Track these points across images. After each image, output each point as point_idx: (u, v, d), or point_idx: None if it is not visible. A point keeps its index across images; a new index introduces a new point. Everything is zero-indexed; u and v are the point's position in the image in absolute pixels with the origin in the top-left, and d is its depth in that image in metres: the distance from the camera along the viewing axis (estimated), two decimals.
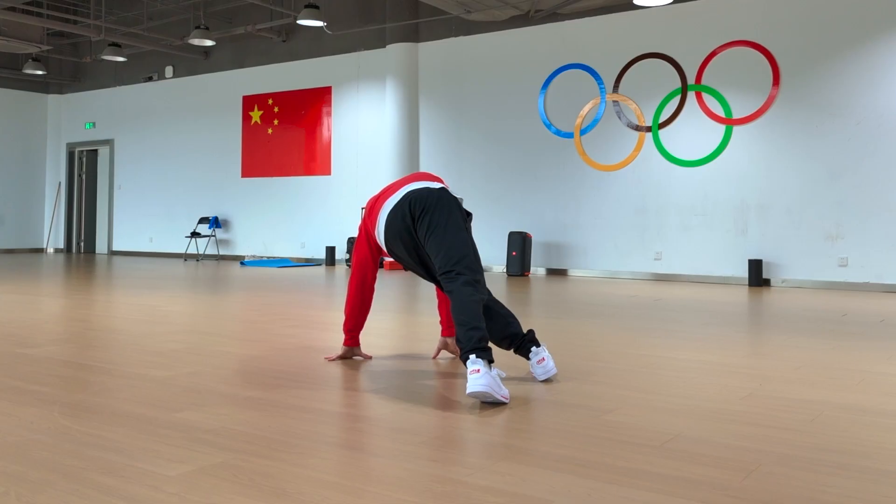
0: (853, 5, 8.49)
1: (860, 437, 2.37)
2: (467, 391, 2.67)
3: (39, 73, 13.66)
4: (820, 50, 8.65)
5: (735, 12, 9.16)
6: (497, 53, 10.86)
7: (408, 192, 3.23)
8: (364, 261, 3.50)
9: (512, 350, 3.31)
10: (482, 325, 2.83)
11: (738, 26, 9.14)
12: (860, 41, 8.43)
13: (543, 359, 3.17)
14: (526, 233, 10.12)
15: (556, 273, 10.32)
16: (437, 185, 3.29)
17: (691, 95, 9.43)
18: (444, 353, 3.92)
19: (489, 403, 2.75)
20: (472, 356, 2.73)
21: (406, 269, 3.41)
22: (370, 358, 3.66)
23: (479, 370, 2.67)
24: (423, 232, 3.13)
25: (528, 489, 1.87)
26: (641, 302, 6.61)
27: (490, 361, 2.75)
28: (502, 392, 2.74)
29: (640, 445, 2.24)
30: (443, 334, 3.83)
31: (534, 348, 3.19)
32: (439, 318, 3.82)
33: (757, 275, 8.75)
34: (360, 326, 3.57)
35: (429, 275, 3.35)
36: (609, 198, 9.96)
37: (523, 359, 3.63)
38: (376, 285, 3.53)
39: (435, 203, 3.14)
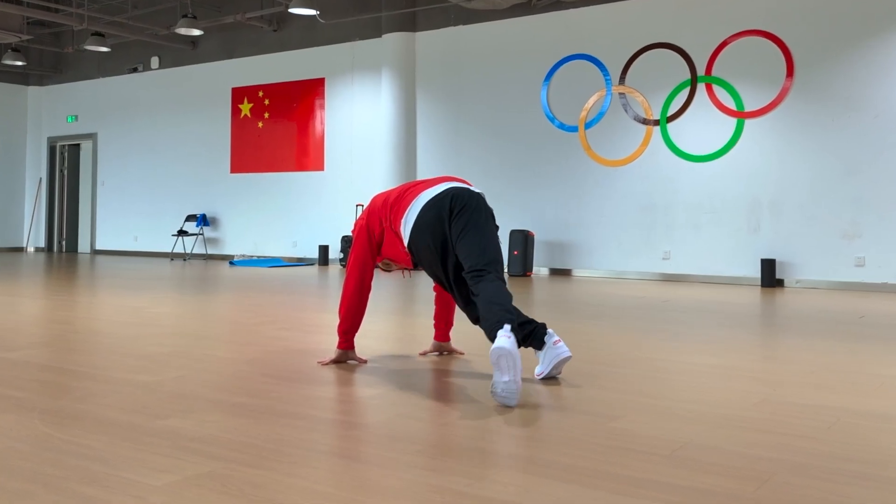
0: None
1: (879, 444, 2.34)
2: (492, 347, 2.71)
3: (19, 63, 13.55)
4: (835, 40, 8.55)
5: (747, 0, 9.05)
6: (498, 43, 10.78)
7: (450, 188, 3.34)
8: (363, 260, 3.49)
9: (525, 342, 3.22)
10: (515, 312, 2.97)
11: (750, 15, 9.03)
12: (878, 31, 8.33)
13: (559, 340, 3.20)
14: (528, 231, 10.04)
15: (560, 273, 10.25)
16: (477, 189, 3.44)
17: (701, 87, 9.32)
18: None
19: (493, 405, 2.72)
20: (507, 326, 2.79)
21: (417, 265, 3.43)
22: (365, 362, 3.62)
23: (509, 337, 2.73)
24: (459, 228, 3.22)
25: (530, 500, 1.84)
26: (649, 303, 6.59)
27: (519, 344, 2.84)
28: (519, 368, 2.72)
29: (648, 454, 2.22)
30: (436, 338, 3.78)
31: (549, 331, 3.22)
32: (433, 323, 3.79)
33: (770, 275, 8.64)
34: (356, 329, 3.55)
35: (444, 272, 3.30)
36: (615, 194, 9.87)
37: (527, 362, 3.57)
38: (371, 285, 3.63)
39: (476, 204, 3.28)
